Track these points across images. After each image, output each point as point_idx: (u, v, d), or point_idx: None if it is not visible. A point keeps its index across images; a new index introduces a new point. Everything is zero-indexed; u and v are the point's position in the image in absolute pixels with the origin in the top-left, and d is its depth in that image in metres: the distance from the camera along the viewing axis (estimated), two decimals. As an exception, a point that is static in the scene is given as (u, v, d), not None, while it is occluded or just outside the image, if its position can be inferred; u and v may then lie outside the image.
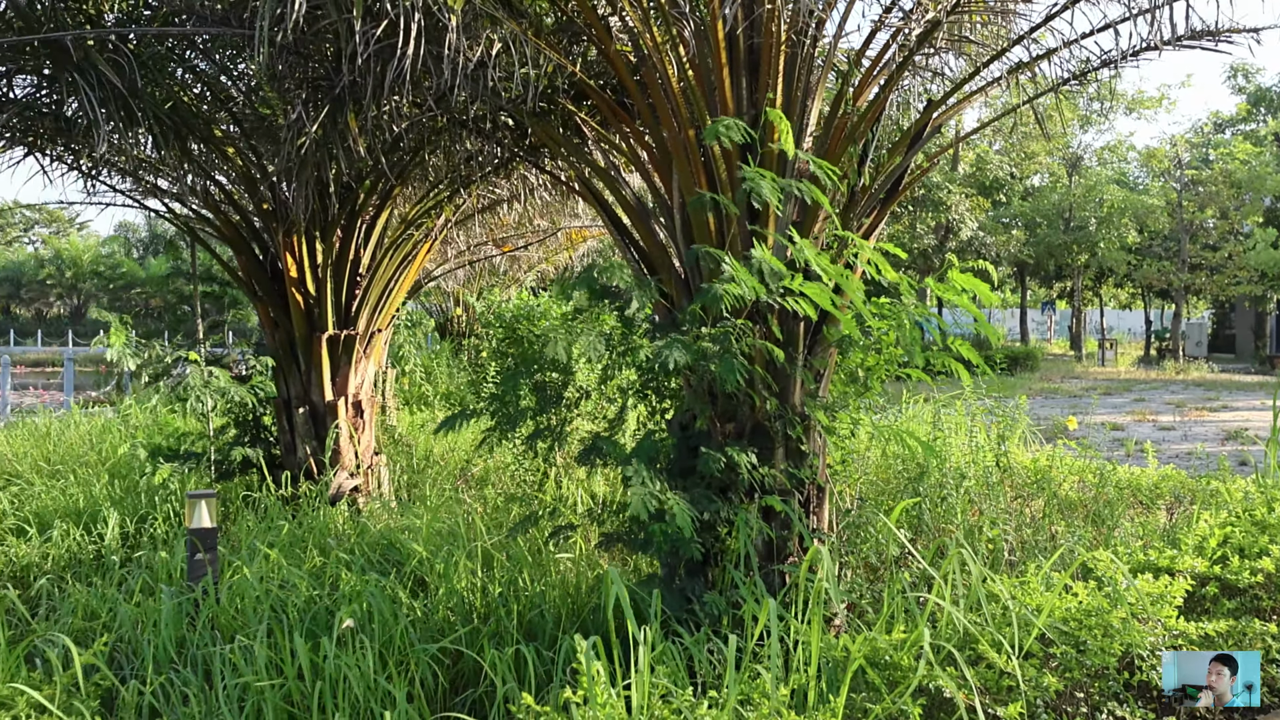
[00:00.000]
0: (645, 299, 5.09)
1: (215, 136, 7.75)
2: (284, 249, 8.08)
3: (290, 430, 8.32)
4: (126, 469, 9.18)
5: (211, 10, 5.97)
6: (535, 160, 7.21)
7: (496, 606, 5.21)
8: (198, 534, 5.68)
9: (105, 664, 4.55)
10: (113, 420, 12.30)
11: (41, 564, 6.72)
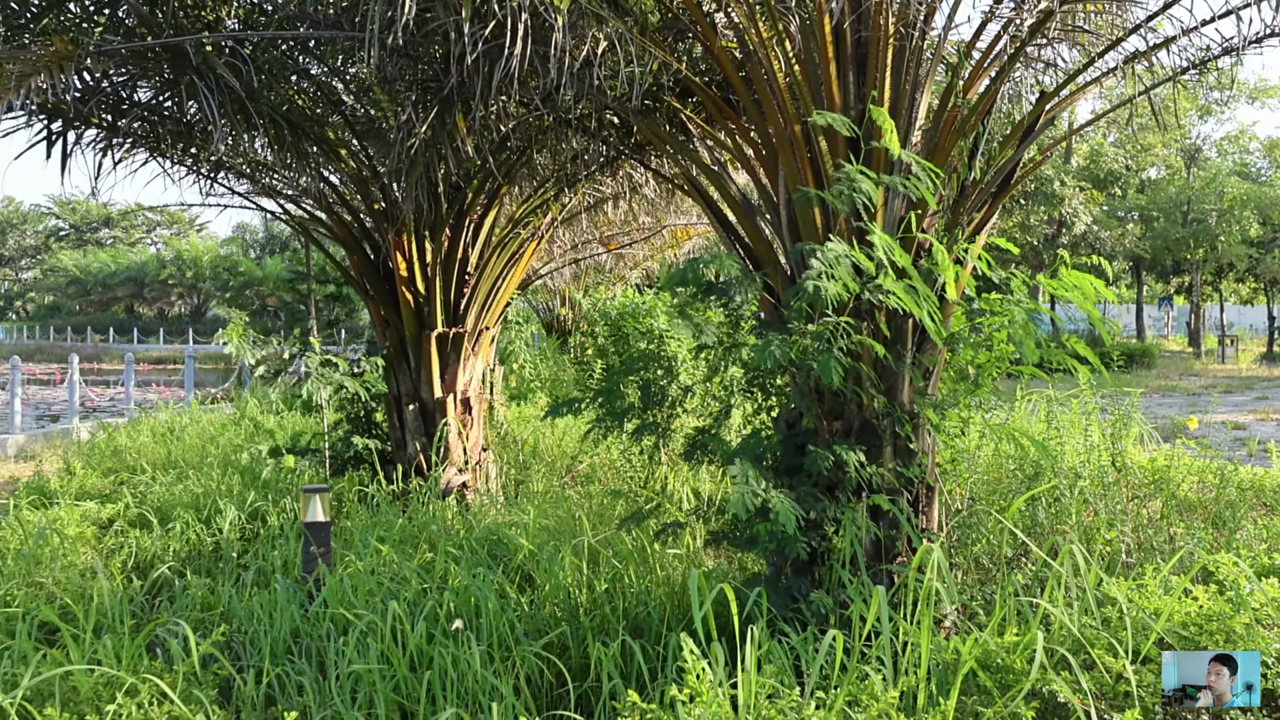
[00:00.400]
0: (749, 292, 5.06)
1: (328, 138, 7.91)
2: (394, 248, 8.23)
3: (401, 426, 8.46)
4: (244, 463, 9.43)
5: (324, 15, 6.10)
6: (641, 158, 7.22)
7: (602, 603, 5.23)
8: (312, 527, 5.81)
9: (223, 653, 4.68)
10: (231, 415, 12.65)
11: (163, 555, 6.94)
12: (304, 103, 7.78)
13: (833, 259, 4.44)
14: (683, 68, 5.49)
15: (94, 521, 7.35)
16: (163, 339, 66.81)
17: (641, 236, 12.97)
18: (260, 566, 6.32)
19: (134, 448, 10.87)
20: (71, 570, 5.91)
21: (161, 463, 10.07)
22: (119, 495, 8.54)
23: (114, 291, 77.69)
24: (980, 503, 6.70)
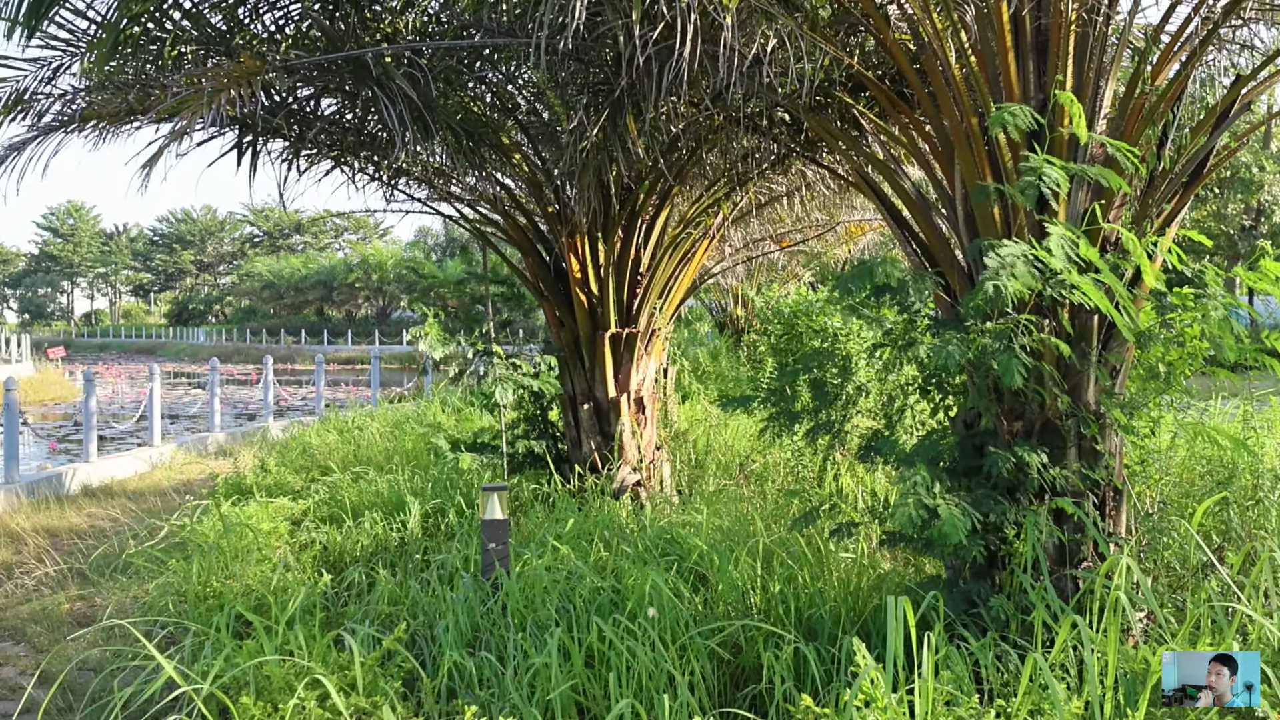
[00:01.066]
0: (921, 294, 4.95)
1: (502, 143, 8.08)
2: (568, 250, 8.35)
3: (576, 426, 8.59)
4: (426, 461, 9.71)
5: (498, 23, 6.23)
6: (812, 155, 7.15)
7: (775, 603, 5.20)
8: (491, 525, 5.94)
9: (406, 647, 4.83)
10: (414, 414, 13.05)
11: (351, 550, 7.20)
12: (479, 109, 7.97)
13: (1010, 257, 4.31)
14: (854, 62, 5.41)
15: (287, 517, 7.68)
16: (350, 340, 69.26)
17: (814, 233, 12.83)
18: (441, 562, 6.50)
19: (324, 446, 11.32)
20: (265, 564, 6.18)
21: (349, 460, 10.45)
22: (310, 492, 8.90)
23: (305, 295, 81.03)
24: (1172, 506, 6.41)
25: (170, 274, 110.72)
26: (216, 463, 15.51)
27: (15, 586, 8.14)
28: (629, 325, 8.65)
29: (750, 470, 9.33)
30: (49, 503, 11.46)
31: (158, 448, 15.62)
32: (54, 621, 7.17)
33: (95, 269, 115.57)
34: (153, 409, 16.14)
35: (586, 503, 7.62)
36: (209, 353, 71.47)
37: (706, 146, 7.54)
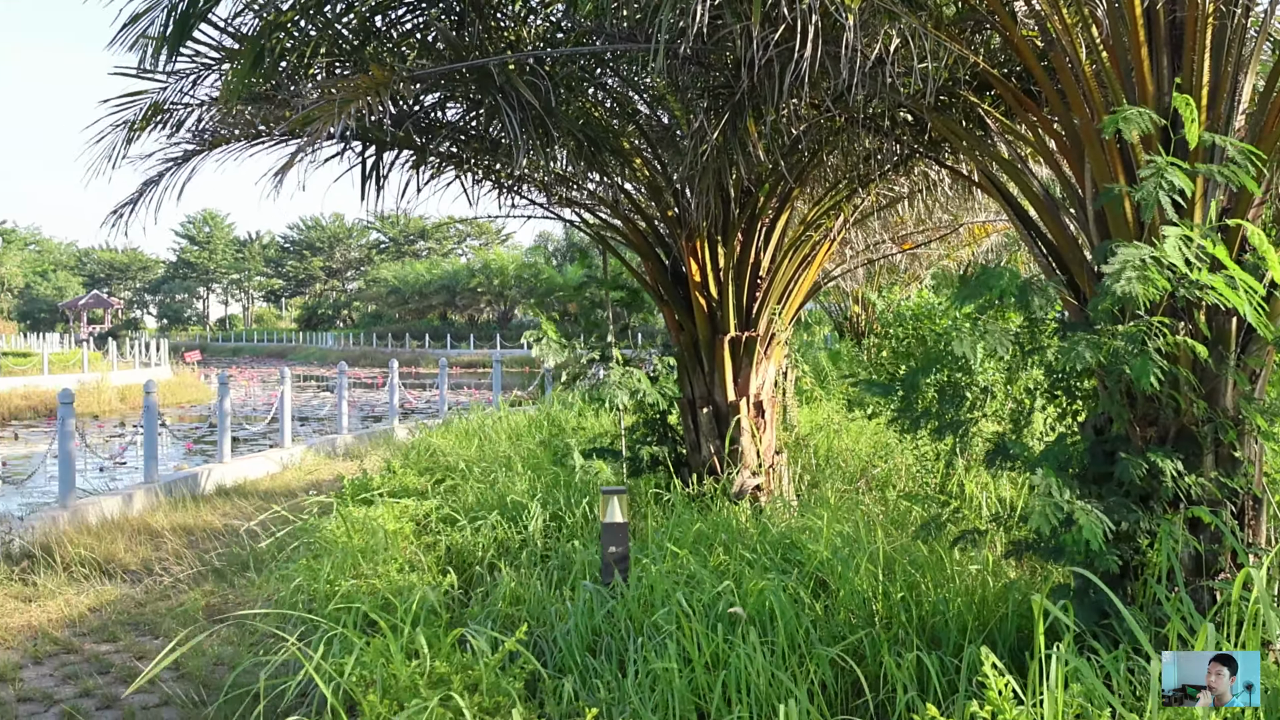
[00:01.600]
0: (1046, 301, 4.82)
1: (622, 148, 8.12)
2: (687, 254, 8.35)
3: (695, 429, 8.58)
4: (547, 464, 9.80)
5: (618, 28, 6.26)
6: (935, 155, 7.04)
7: (897, 611, 5.13)
8: (610, 528, 5.97)
9: (527, 648, 4.88)
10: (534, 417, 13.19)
11: (473, 552, 7.30)
12: (599, 115, 8.02)
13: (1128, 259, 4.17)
14: (980, 60, 5.31)
15: (411, 518, 7.82)
16: (472, 344, 70.31)
17: (936, 235, 12.62)
18: (561, 565, 6.55)
19: (447, 448, 11.50)
20: (391, 564, 6.30)
21: (472, 462, 10.60)
22: (434, 493, 9.06)
23: (429, 300, 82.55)
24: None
25: (300, 280, 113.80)
26: (344, 464, 15.88)
27: (154, 583, 8.45)
28: (748, 329, 8.61)
29: (871, 476, 9.22)
30: (185, 502, 11.87)
31: (288, 449, 16.05)
32: (190, 617, 7.42)
33: (229, 275, 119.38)
34: (283, 411, 16.60)
35: (705, 507, 7.60)
36: (336, 356, 73.29)
37: (827, 148, 7.47)
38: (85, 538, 9.42)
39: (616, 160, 8.18)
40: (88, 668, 6.54)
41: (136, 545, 9.60)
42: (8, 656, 6.72)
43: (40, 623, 7.42)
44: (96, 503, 10.93)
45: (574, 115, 7.28)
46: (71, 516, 10.18)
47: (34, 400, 32.41)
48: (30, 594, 8.10)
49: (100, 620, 7.51)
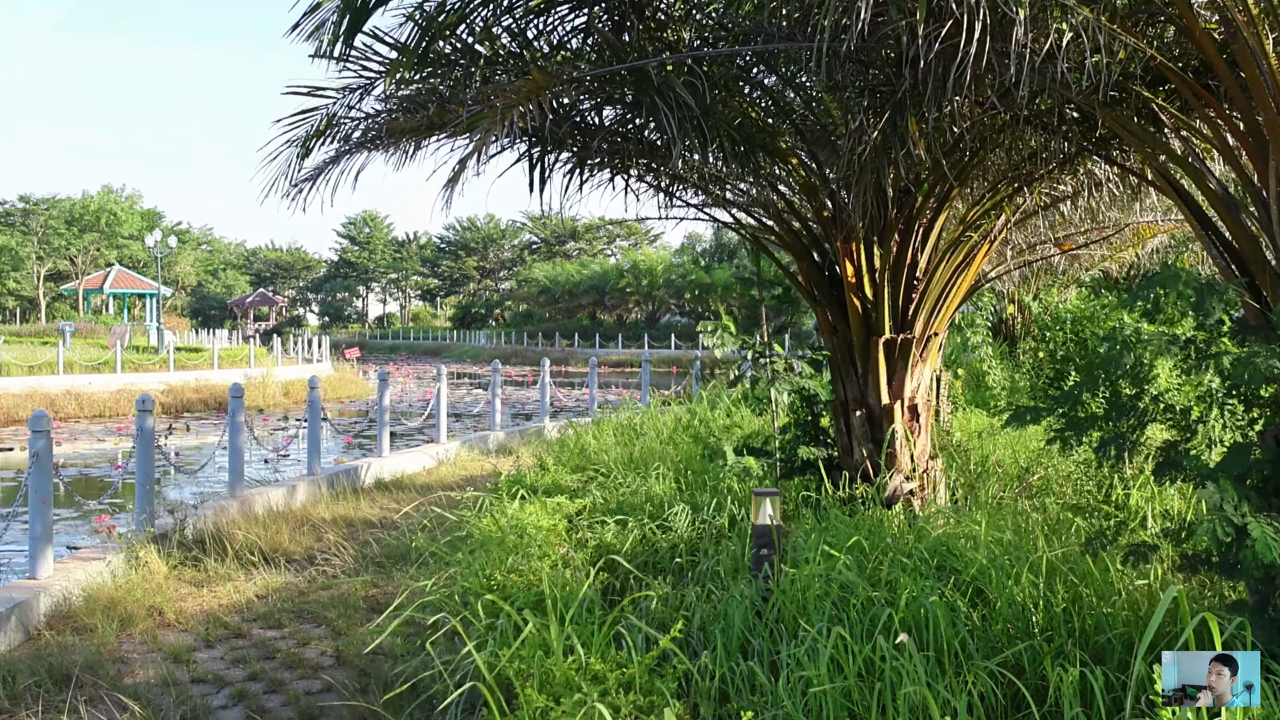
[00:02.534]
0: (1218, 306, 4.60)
1: (778, 148, 8.06)
2: (842, 254, 8.25)
3: (847, 432, 8.47)
4: (696, 464, 9.80)
5: (777, 27, 6.21)
6: (1104, 152, 6.80)
7: (1059, 624, 4.97)
8: (761, 530, 5.93)
9: (681, 648, 4.88)
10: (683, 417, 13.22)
11: (624, 550, 7.34)
12: (755, 115, 7.98)
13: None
14: (1154, 53, 5.11)
15: (564, 515, 7.91)
16: (620, 344, 70.85)
17: (1099, 236, 12.22)
18: (712, 565, 6.54)
19: (598, 446, 11.61)
20: (545, 560, 6.38)
21: (622, 460, 10.67)
22: (585, 490, 9.15)
23: (579, 299, 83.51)
24: None
25: (455, 279, 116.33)
26: (497, 460, 16.17)
27: (317, 573, 8.73)
28: (903, 331, 8.46)
29: (1030, 483, 8.96)
30: (346, 494, 12.24)
31: (443, 445, 16.42)
32: (350, 607, 7.64)
33: (388, 275, 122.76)
34: (439, 408, 16.98)
35: (857, 511, 7.50)
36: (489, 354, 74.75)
37: (990, 146, 7.29)
38: (253, 527, 9.79)
39: (771, 160, 8.12)
40: (255, 652, 6.80)
41: (300, 535, 9.94)
42: (182, 639, 7.03)
43: (212, 607, 7.74)
44: (263, 493, 11.35)
45: (730, 115, 7.26)
46: (240, 506, 10.59)
47: (204, 394, 33.84)
48: (202, 579, 8.46)
49: (267, 607, 7.80)
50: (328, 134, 8.06)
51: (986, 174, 8.14)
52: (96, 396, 31.71)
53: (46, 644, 6.86)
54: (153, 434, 9.71)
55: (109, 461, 20.80)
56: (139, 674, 6.33)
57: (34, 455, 7.91)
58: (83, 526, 13.30)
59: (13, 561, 10.74)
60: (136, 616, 7.38)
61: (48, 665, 6.25)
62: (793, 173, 8.31)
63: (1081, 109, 6.10)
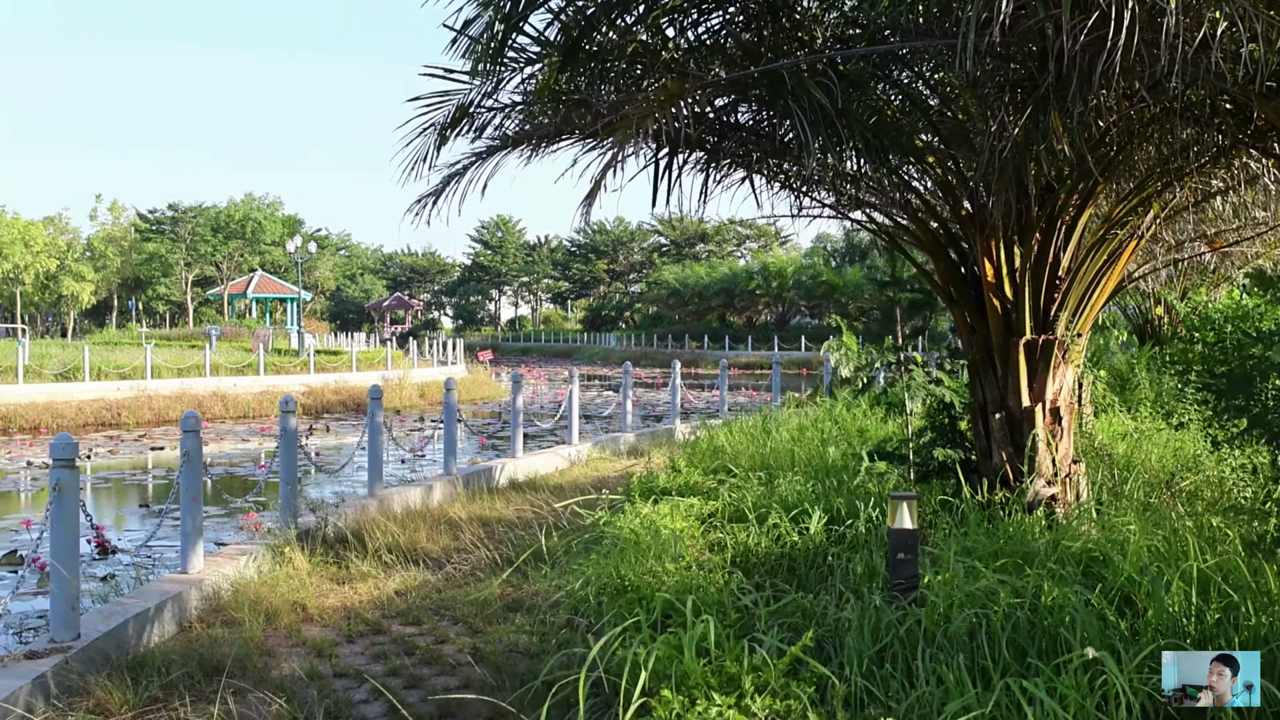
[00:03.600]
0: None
1: (914, 147, 7.93)
2: (980, 253, 8.07)
3: (986, 436, 8.29)
4: (829, 466, 9.71)
5: (914, 24, 6.11)
6: (1260, 145, 6.52)
7: (1214, 634, 4.78)
8: (899, 534, 5.83)
9: (814, 653, 4.83)
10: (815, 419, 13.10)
11: (757, 552, 7.30)
12: (890, 113, 7.86)
13: None
14: (1317, 41, 4.88)
15: (697, 516, 7.91)
16: (750, 346, 70.63)
17: (1254, 233, 11.72)
18: (846, 569, 6.46)
19: (730, 448, 11.58)
20: (679, 562, 6.38)
21: (753, 462, 10.63)
22: (718, 492, 9.13)
23: (708, 302, 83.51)
24: None
25: (585, 282, 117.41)
26: (627, 461, 16.25)
27: (454, 570, 8.88)
28: (1045, 331, 8.24)
29: (1179, 488, 8.64)
30: (481, 494, 12.43)
31: (575, 446, 16.57)
32: (487, 605, 7.75)
33: (519, 278, 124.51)
34: (571, 409, 17.14)
35: (997, 516, 7.33)
36: (619, 356, 75.22)
37: (1137, 141, 7.05)
38: (391, 525, 10.01)
39: (906, 159, 8.00)
40: (394, 648, 6.94)
41: (437, 534, 10.12)
42: (325, 634, 7.22)
43: (352, 604, 7.93)
44: (401, 492, 11.60)
45: (864, 114, 7.16)
46: (379, 505, 10.84)
47: (343, 395, 34.80)
48: (343, 576, 8.68)
49: (405, 604, 7.96)
50: (463, 125, 8.18)
51: (1133, 169, 7.88)
52: (241, 398, 32.85)
53: (197, 636, 7.11)
54: (296, 434, 10.00)
55: (253, 461, 21.52)
56: (284, 667, 6.51)
57: (185, 454, 8.20)
58: (229, 523, 13.78)
59: (164, 556, 11.20)
60: (281, 611, 7.60)
61: (199, 657, 6.47)
62: (929, 171, 8.16)
63: (1236, 100, 5.86)
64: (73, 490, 6.47)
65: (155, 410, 30.12)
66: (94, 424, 28.66)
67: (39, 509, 15.27)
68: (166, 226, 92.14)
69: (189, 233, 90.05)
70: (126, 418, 29.48)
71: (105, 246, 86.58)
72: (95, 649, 6.35)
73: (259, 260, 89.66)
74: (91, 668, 6.14)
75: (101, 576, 10.44)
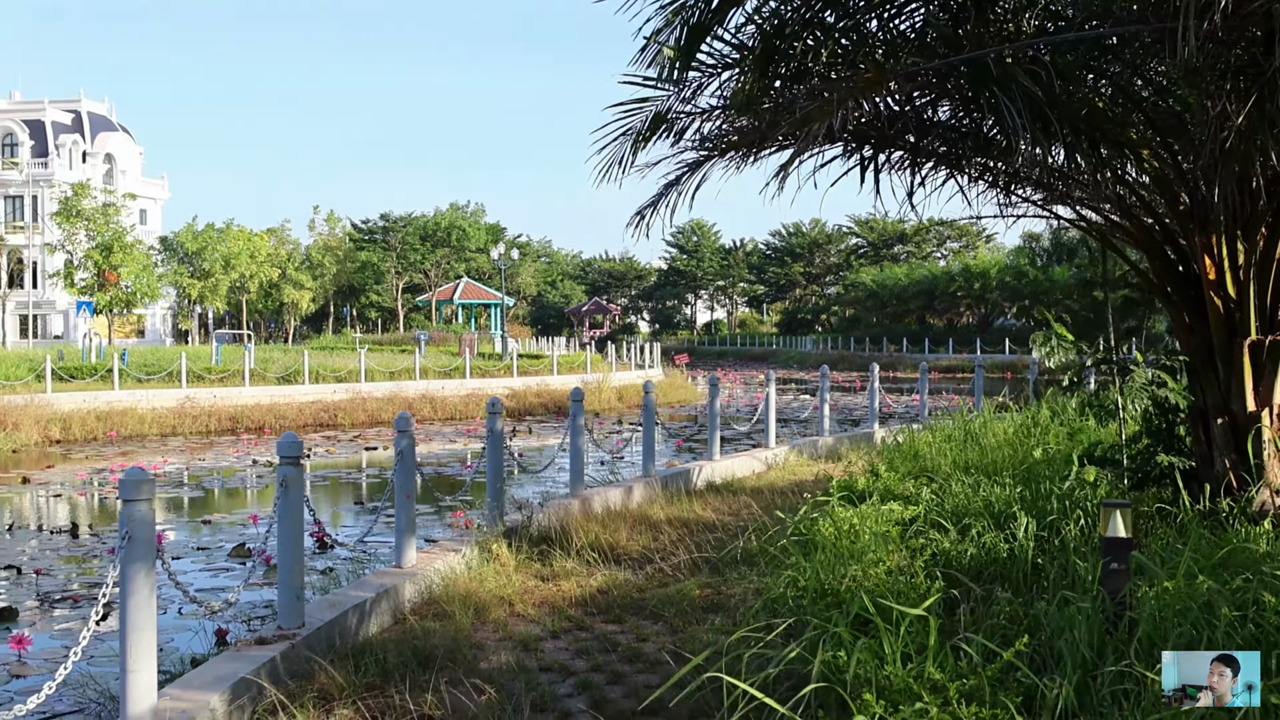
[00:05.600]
0: None
1: (1126, 139, 7.61)
2: (1200, 250, 7.68)
3: (1207, 441, 7.88)
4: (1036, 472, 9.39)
5: (1128, 10, 5.88)
6: None
7: None
8: (1111, 543, 5.62)
9: (1025, 663, 4.69)
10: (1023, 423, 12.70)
11: (961, 559, 7.13)
12: (1100, 104, 7.57)
13: None
14: None
15: (898, 521, 7.76)
16: (950, 348, 69.03)
17: None
18: (1054, 579, 6.25)
19: (931, 452, 11.34)
20: (880, 567, 6.29)
21: (956, 467, 10.38)
22: (919, 497, 8.96)
23: (907, 304, 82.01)
24: None
25: (781, 285, 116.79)
26: (825, 465, 16.12)
27: (654, 570, 8.99)
28: (1272, 331, 7.78)
29: None
30: (679, 496, 12.54)
31: (772, 449, 16.52)
32: (686, 605, 7.82)
33: (715, 282, 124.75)
34: (768, 413, 17.10)
35: (1218, 526, 6.96)
36: (815, 360, 74.61)
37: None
38: (592, 525, 10.20)
39: (1119, 152, 7.68)
40: (597, 644, 7.08)
41: (636, 534, 10.26)
42: (531, 629, 7.42)
43: (556, 600, 8.13)
44: (601, 493, 11.81)
45: (1074, 106, 6.91)
46: (580, 505, 11.05)
47: (545, 398, 35.65)
48: (547, 573, 8.90)
49: (607, 601, 8.11)
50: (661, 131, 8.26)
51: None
52: (448, 400, 34.04)
53: (411, 627, 7.40)
54: (502, 436, 10.30)
55: (460, 461, 22.26)
56: (492, 659, 6.72)
57: (399, 454, 8.55)
58: (437, 521, 14.30)
59: (378, 551, 11.69)
60: (489, 605, 7.84)
61: (413, 646, 6.75)
62: (1143, 164, 7.82)
63: None
64: (298, 486, 6.83)
65: (369, 412, 31.56)
66: (312, 424, 30.27)
67: (265, 505, 16.19)
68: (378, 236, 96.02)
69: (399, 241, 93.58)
70: (342, 419, 31.03)
71: (322, 256, 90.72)
72: (319, 637, 6.69)
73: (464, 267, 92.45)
74: (315, 654, 6.48)
75: (321, 569, 10.98)
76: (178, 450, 25.15)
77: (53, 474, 20.96)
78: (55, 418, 27.19)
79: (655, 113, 8.20)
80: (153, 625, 5.32)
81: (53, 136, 78.72)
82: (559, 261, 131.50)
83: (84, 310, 53.08)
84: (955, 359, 64.09)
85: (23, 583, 11.76)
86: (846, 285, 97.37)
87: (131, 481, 5.23)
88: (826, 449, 17.81)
